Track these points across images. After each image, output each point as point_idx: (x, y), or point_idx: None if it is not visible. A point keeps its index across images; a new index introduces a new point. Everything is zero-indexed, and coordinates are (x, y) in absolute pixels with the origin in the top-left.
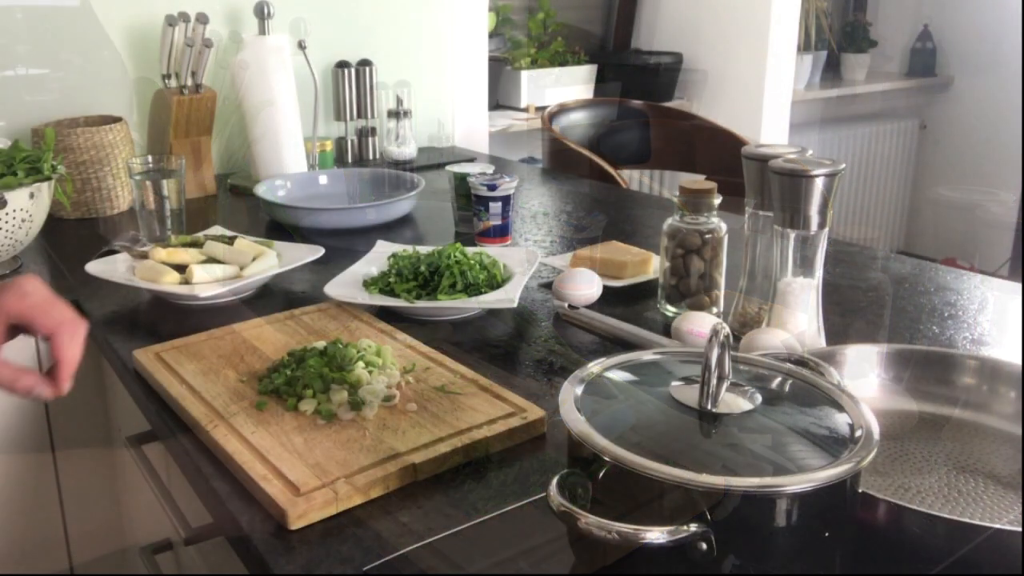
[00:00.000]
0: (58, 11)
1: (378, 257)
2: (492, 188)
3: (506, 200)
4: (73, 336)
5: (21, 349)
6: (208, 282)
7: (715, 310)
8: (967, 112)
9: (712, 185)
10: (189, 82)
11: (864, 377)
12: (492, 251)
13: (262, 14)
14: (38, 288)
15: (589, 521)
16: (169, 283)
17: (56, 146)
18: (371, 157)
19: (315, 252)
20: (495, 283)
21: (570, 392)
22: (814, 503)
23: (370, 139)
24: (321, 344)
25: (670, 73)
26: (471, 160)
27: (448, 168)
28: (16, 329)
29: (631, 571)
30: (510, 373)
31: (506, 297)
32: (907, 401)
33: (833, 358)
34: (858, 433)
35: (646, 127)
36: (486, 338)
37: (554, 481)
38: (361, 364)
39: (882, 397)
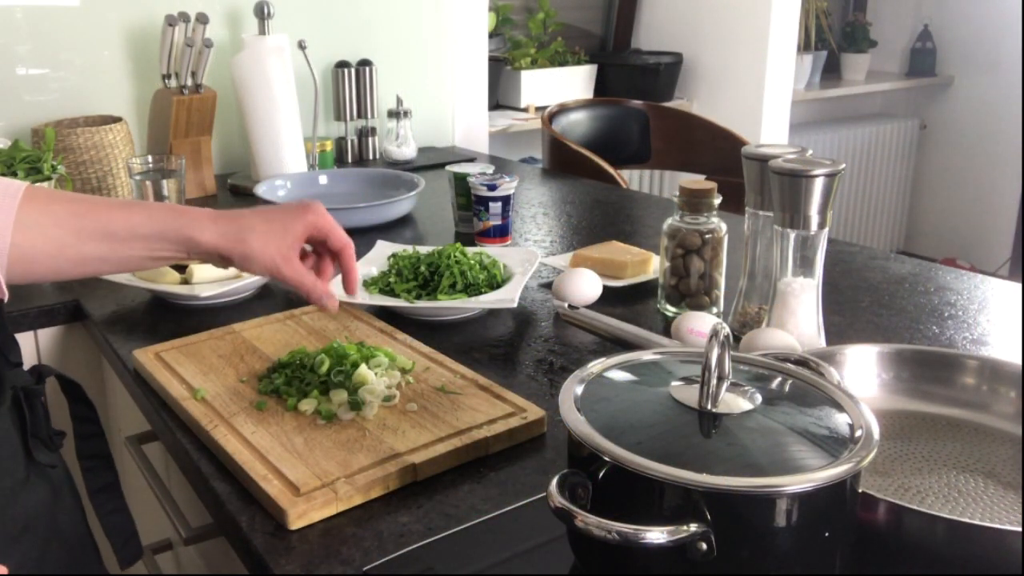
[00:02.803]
0: (58, 11)
1: (378, 257)
2: (492, 188)
3: (506, 200)
4: (354, 255)
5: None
6: (208, 282)
7: (715, 310)
8: (967, 112)
9: (712, 185)
10: (189, 82)
11: (864, 377)
12: (492, 251)
13: (262, 14)
14: (326, 211)
15: (589, 521)
16: (169, 283)
17: (56, 146)
18: (371, 157)
19: None
20: (495, 283)
21: (570, 392)
22: (814, 503)
23: (370, 139)
24: (323, 358)
25: (670, 73)
26: (471, 160)
27: (448, 168)
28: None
29: (631, 571)
30: (510, 373)
31: (506, 297)
32: (907, 401)
33: (833, 358)
34: (858, 433)
35: (646, 127)
36: (486, 338)
37: (554, 481)
38: (364, 366)
39: (882, 397)
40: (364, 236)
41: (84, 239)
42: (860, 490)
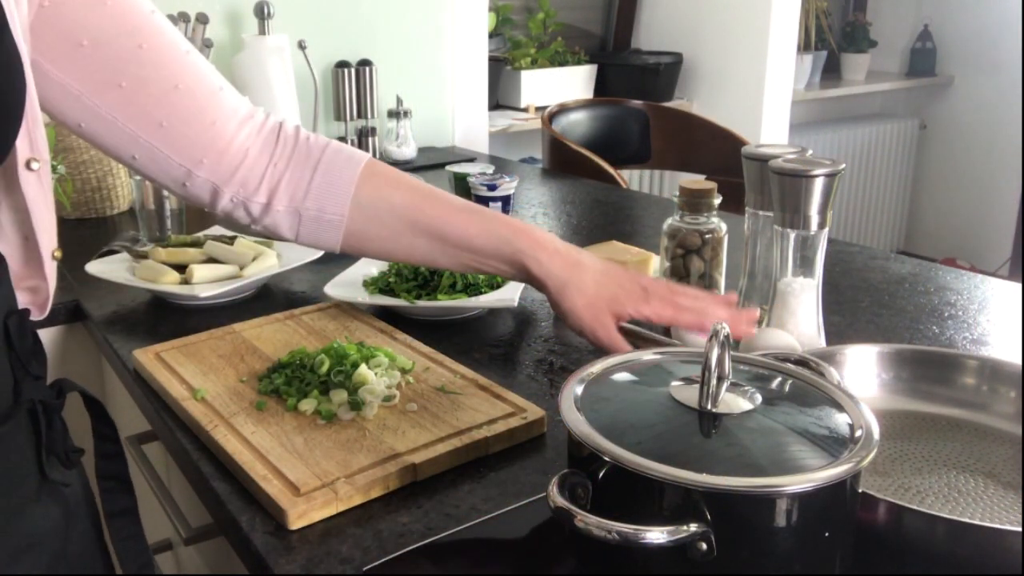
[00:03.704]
0: None
1: None
2: (492, 188)
3: (506, 200)
4: (689, 319)
5: None
6: (208, 282)
7: None
8: (967, 112)
9: (712, 185)
10: None
11: (864, 377)
12: None
13: (262, 14)
14: (665, 303)
15: (589, 521)
16: (169, 283)
17: (56, 146)
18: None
19: (315, 252)
20: (495, 283)
21: (570, 392)
22: (814, 503)
23: (370, 139)
24: (323, 358)
25: (670, 73)
26: (471, 160)
27: (448, 168)
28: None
29: (631, 571)
30: (510, 373)
31: (506, 297)
32: (907, 401)
33: (833, 358)
34: (858, 433)
35: (646, 127)
36: (486, 338)
37: (554, 481)
38: (364, 366)
39: (882, 397)
40: None
41: (416, 233)
42: (860, 490)
